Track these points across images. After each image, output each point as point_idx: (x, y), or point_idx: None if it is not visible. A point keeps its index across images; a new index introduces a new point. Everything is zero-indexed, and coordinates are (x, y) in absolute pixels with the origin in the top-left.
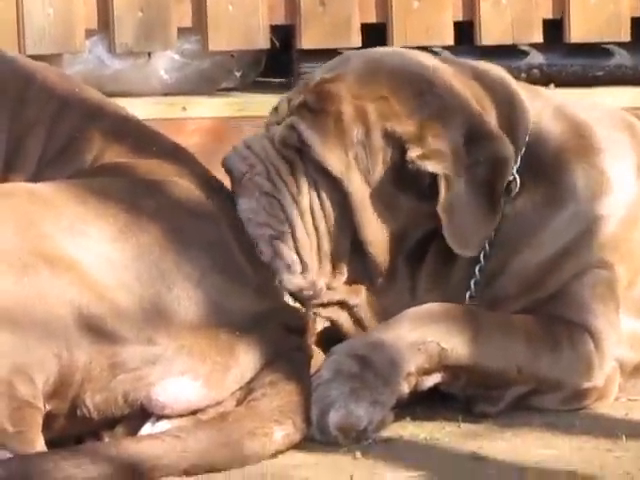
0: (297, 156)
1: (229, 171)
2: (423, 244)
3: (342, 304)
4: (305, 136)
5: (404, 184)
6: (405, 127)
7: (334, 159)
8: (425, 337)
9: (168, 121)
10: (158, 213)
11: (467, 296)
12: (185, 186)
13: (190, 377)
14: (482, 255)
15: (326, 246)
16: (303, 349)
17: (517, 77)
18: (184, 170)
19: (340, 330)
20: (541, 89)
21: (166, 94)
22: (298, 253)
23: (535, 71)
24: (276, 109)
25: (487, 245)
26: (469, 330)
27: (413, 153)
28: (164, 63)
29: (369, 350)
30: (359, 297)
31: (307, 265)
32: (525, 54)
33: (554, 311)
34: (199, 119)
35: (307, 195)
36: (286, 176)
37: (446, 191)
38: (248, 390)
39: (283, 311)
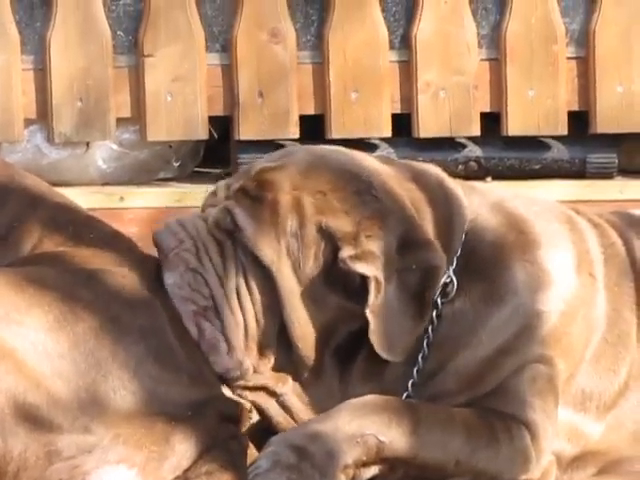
0: (228, 239)
1: (158, 246)
2: (354, 341)
3: (269, 391)
4: (239, 220)
5: (334, 282)
6: (340, 224)
7: (266, 246)
8: (363, 429)
9: (106, 211)
10: (94, 302)
11: (404, 396)
12: (121, 274)
13: (126, 466)
14: (420, 356)
15: (252, 327)
16: (239, 438)
17: (454, 170)
18: (121, 257)
19: (268, 419)
20: (478, 185)
21: (104, 184)
22: (223, 331)
23: (472, 164)
24: (214, 193)
25: (425, 346)
26: (408, 422)
27: (345, 253)
28: (102, 153)
29: (307, 441)
30: (285, 386)
31: (233, 344)
32: (463, 147)
33: (493, 405)
34: (137, 209)
35: (234, 278)
36: (214, 256)
37: (375, 294)
38: (184, 479)
39: (218, 399)
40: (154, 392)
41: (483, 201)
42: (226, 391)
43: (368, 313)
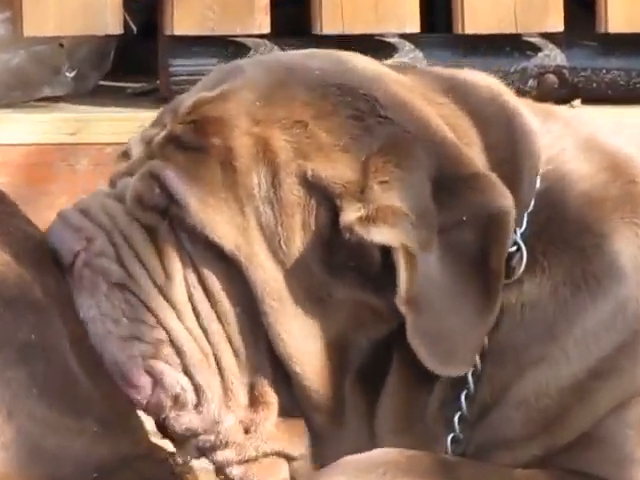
0: (162, 222)
1: (55, 252)
2: (379, 358)
3: (283, 456)
4: (173, 188)
5: (339, 264)
6: (336, 170)
7: (224, 225)
8: None
9: None
10: None
11: (449, 441)
12: (6, 261)
13: None
14: (470, 373)
15: (228, 358)
16: None
17: (522, 86)
18: (6, 234)
19: None
20: (560, 110)
21: None
22: (188, 372)
23: (551, 77)
24: (125, 153)
25: (477, 358)
26: None
27: (350, 215)
28: None
29: None
30: (303, 444)
31: (203, 390)
32: (535, 50)
33: (579, 464)
34: (5, 147)
35: (183, 283)
36: (146, 254)
37: (409, 273)
38: None
39: (147, 457)
40: (38, 445)
41: (568, 134)
42: (157, 440)
43: (401, 306)
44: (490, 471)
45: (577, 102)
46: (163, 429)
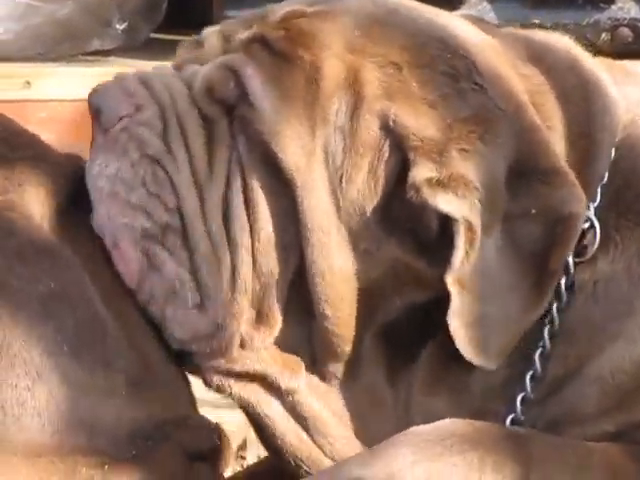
0: (225, 117)
1: (97, 112)
2: (417, 324)
3: (269, 383)
4: (251, 88)
5: (396, 219)
6: (420, 122)
7: (291, 140)
8: (438, 477)
9: (3, 103)
10: None
11: (508, 421)
12: (18, 207)
13: None
14: (537, 354)
15: (247, 272)
16: None
17: (595, 40)
18: (17, 175)
19: (266, 434)
20: (636, 67)
21: (1, 59)
22: (193, 270)
23: (624, 30)
24: (199, 43)
25: (546, 337)
26: (513, 468)
27: (421, 173)
28: None
29: None
30: (297, 377)
31: (208, 292)
32: (608, 3)
33: None
34: (52, 102)
35: (223, 184)
36: (195, 141)
37: (465, 251)
38: None
39: (185, 422)
40: (72, 410)
41: None
42: (199, 409)
43: (450, 282)
44: (563, 444)
45: None
46: (182, 359)
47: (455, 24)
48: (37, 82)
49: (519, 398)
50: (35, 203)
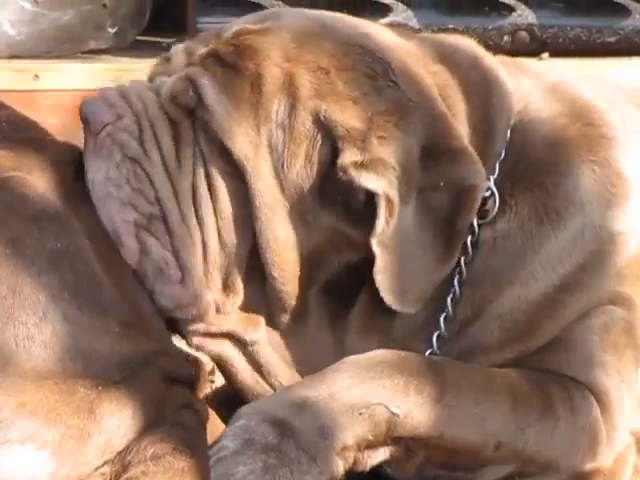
0: (187, 120)
1: (85, 120)
2: (352, 279)
3: (235, 339)
4: (206, 94)
5: (329, 195)
6: (345, 116)
7: (240, 135)
8: (370, 397)
9: (14, 93)
10: None
11: (427, 353)
12: (22, 180)
13: (34, 446)
14: (449, 298)
15: (214, 247)
16: (195, 408)
17: (498, 42)
18: (25, 155)
19: (234, 379)
20: (529, 63)
21: (12, 56)
22: (174, 251)
23: (523, 34)
24: (167, 59)
25: (456, 284)
26: (431, 389)
27: (347, 157)
28: (10, 14)
29: (291, 413)
30: (257, 331)
31: (188, 269)
32: (509, 10)
33: (549, 365)
34: (57, 92)
35: (190, 175)
36: (165, 141)
37: (386, 219)
38: (122, 466)
39: (166, 353)
40: (72, 343)
41: (536, 85)
42: (177, 341)
43: (374, 244)
44: (472, 369)
45: (545, 55)
46: (172, 325)
47: (375, 32)
48: (44, 75)
49: (435, 336)
50: (41, 180)
